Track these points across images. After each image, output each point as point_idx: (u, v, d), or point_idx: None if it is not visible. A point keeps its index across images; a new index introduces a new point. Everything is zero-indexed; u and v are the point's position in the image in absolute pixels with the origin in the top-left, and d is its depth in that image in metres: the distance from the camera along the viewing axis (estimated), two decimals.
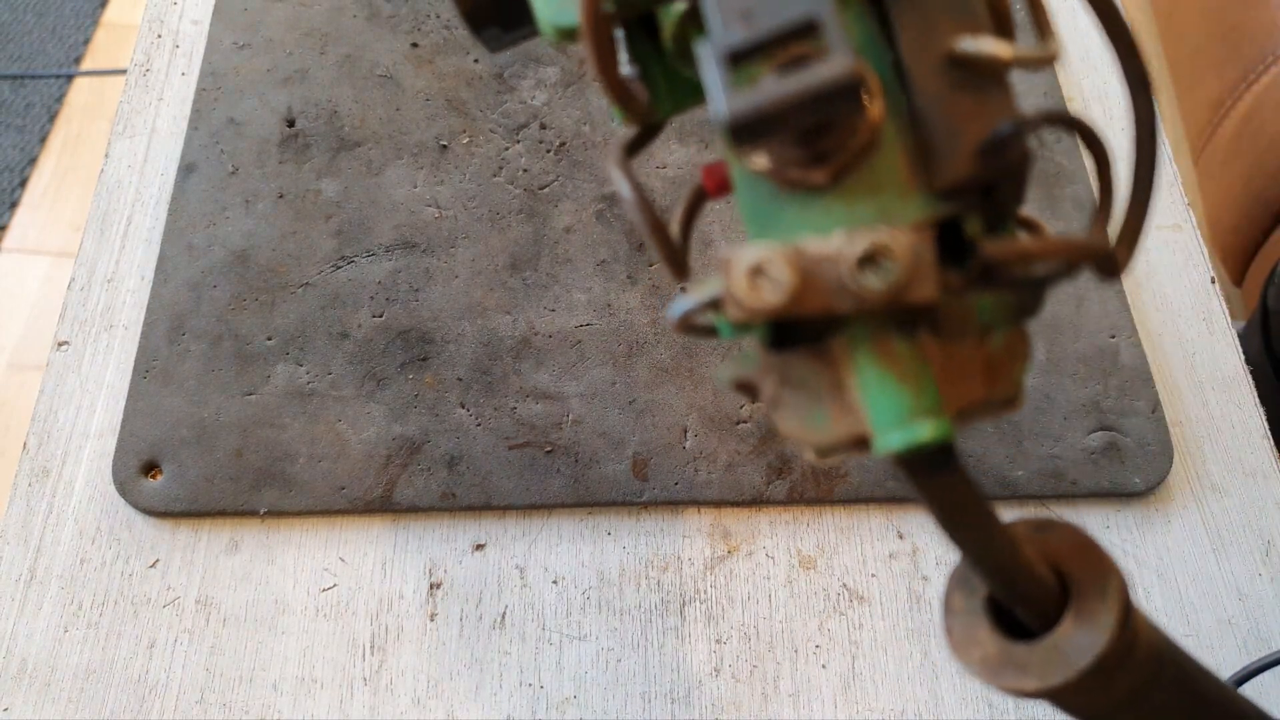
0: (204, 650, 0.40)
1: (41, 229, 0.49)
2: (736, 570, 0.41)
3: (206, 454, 0.43)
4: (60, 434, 0.44)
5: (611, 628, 0.40)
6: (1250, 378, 0.46)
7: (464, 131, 0.51)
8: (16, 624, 0.40)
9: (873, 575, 0.41)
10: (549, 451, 0.43)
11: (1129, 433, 0.43)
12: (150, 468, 0.42)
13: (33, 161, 0.51)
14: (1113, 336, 0.46)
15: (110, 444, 0.44)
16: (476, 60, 0.53)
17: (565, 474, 0.42)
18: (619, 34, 0.18)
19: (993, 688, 0.15)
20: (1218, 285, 0.49)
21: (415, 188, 0.50)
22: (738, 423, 0.43)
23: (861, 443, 0.14)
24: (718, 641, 0.40)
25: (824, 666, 0.39)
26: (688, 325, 0.17)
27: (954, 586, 0.17)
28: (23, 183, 0.51)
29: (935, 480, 0.14)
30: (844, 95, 0.12)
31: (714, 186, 0.17)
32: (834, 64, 0.12)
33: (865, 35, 0.15)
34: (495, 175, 0.50)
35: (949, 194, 0.14)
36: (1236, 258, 0.62)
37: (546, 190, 0.50)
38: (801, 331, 0.15)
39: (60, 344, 0.47)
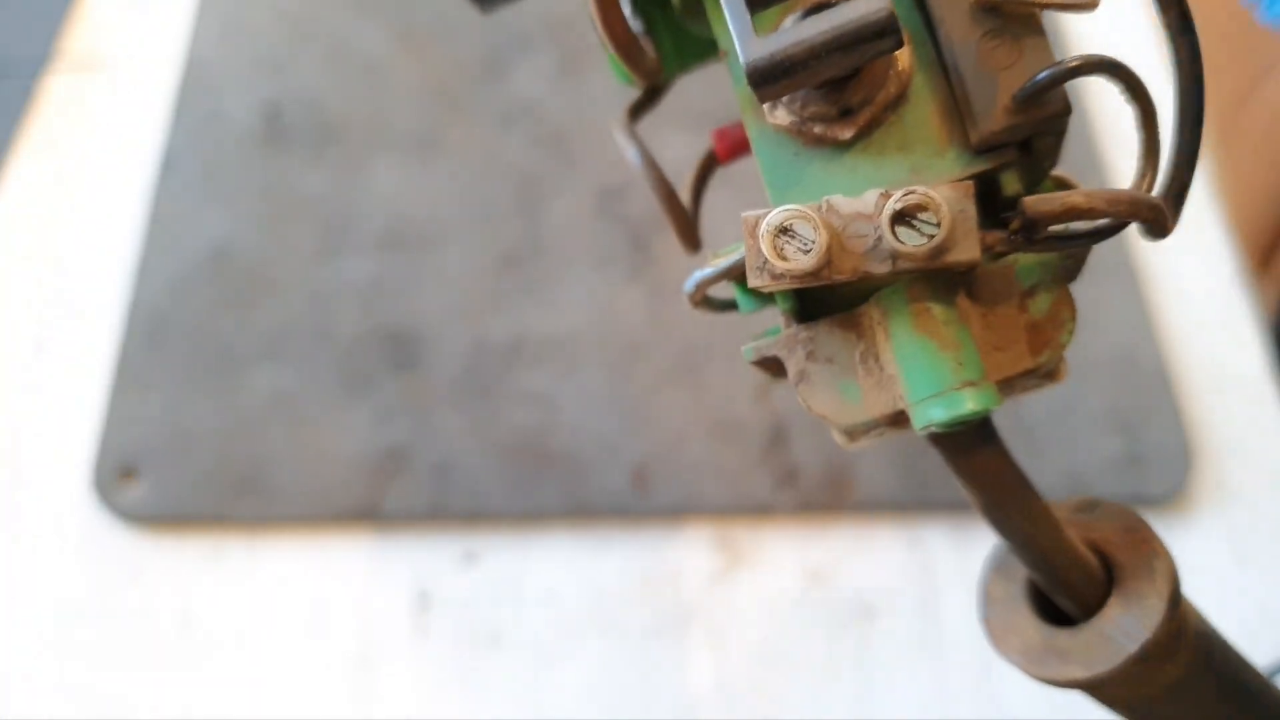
0: (186, 663, 0.38)
1: (18, 227, 0.48)
2: (741, 584, 0.40)
3: (187, 460, 0.41)
4: (37, 439, 0.43)
5: (610, 643, 0.39)
6: (1274, 381, 0.45)
7: (454, 123, 0.50)
8: None
9: (883, 588, 0.40)
10: (543, 458, 0.41)
11: (1148, 439, 0.42)
12: (130, 474, 0.41)
13: (7, 157, 0.49)
14: (1131, 339, 0.44)
15: (89, 449, 0.42)
16: (467, 47, 0.51)
17: (560, 482, 0.41)
18: None
19: (1035, 679, 0.14)
20: (1240, 284, 0.47)
21: (403, 183, 0.48)
22: (742, 428, 0.42)
23: (898, 419, 0.13)
24: (721, 657, 0.39)
25: (833, 684, 0.38)
26: (704, 298, 0.16)
27: (992, 573, 0.16)
28: None
29: (976, 458, 0.13)
30: (878, 37, 0.12)
31: (725, 151, 0.16)
32: (866, 3, 0.11)
33: None
34: (486, 169, 0.49)
35: (985, 149, 0.13)
36: (1257, 255, 0.61)
37: (541, 185, 0.48)
38: (830, 300, 0.14)
39: (37, 346, 0.45)
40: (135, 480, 0.41)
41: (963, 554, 0.40)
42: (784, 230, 0.12)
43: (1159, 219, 0.13)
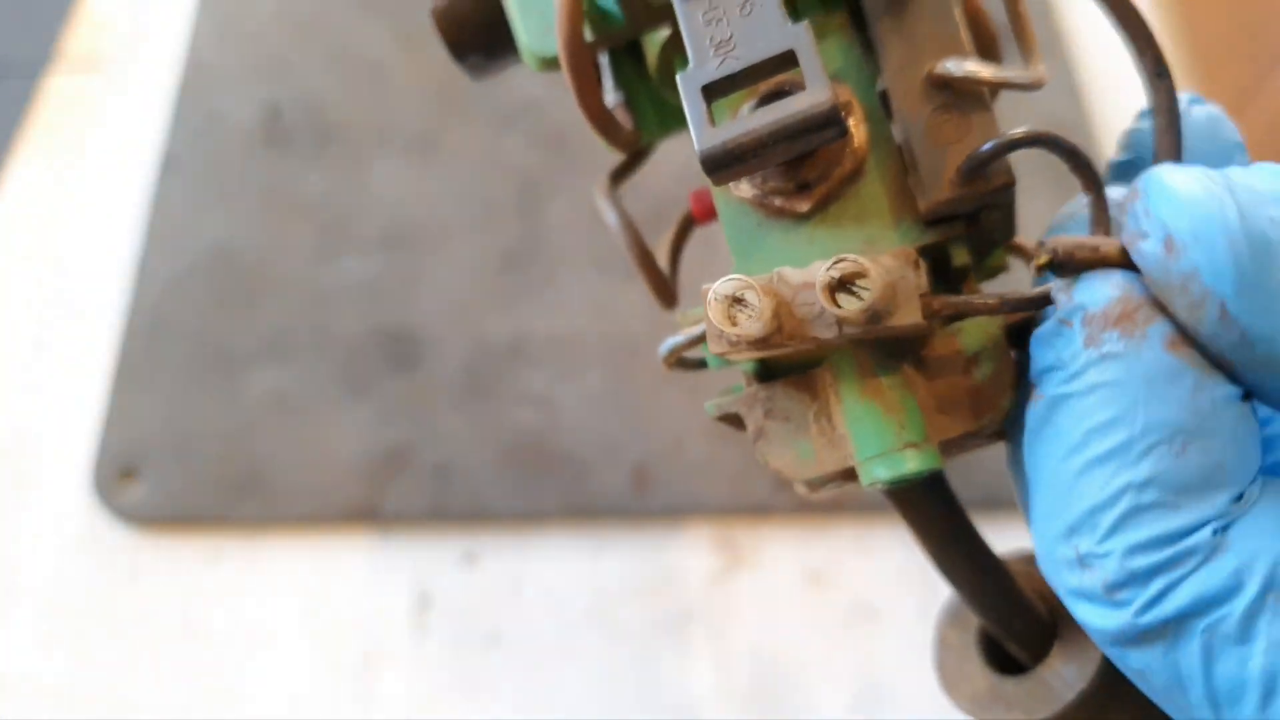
0: (186, 664, 0.38)
1: (18, 227, 0.48)
2: (741, 584, 0.40)
3: (188, 460, 0.41)
4: (38, 439, 0.43)
5: (610, 644, 0.39)
6: None
7: (455, 123, 0.50)
8: None
9: (884, 590, 0.40)
10: (544, 459, 0.41)
11: None
12: (130, 474, 0.41)
13: (8, 158, 0.49)
14: None
15: (90, 449, 0.42)
16: None
17: (561, 482, 0.40)
18: (604, 60, 0.18)
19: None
20: None
21: (403, 183, 0.48)
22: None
23: (850, 474, 0.14)
24: (721, 658, 0.38)
25: (833, 685, 0.38)
26: (677, 360, 0.16)
27: (946, 621, 0.17)
28: None
29: (925, 511, 0.14)
30: (822, 127, 0.12)
31: (702, 212, 0.17)
32: (810, 96, 0.12)
33: (851, 61, 0.15)
34: (487, 169, 0.49)
35: (935, 221, 0.14)
36: None
37: (542, 185, 0.48)
38: (788, 363, 0.15)
39: (38, 346, 0.45)
40: (135, 481, 0.41)
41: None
42: (736, 300, 0.13)
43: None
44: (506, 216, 0.47)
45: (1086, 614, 0.12)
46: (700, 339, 0.15)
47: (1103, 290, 0.12)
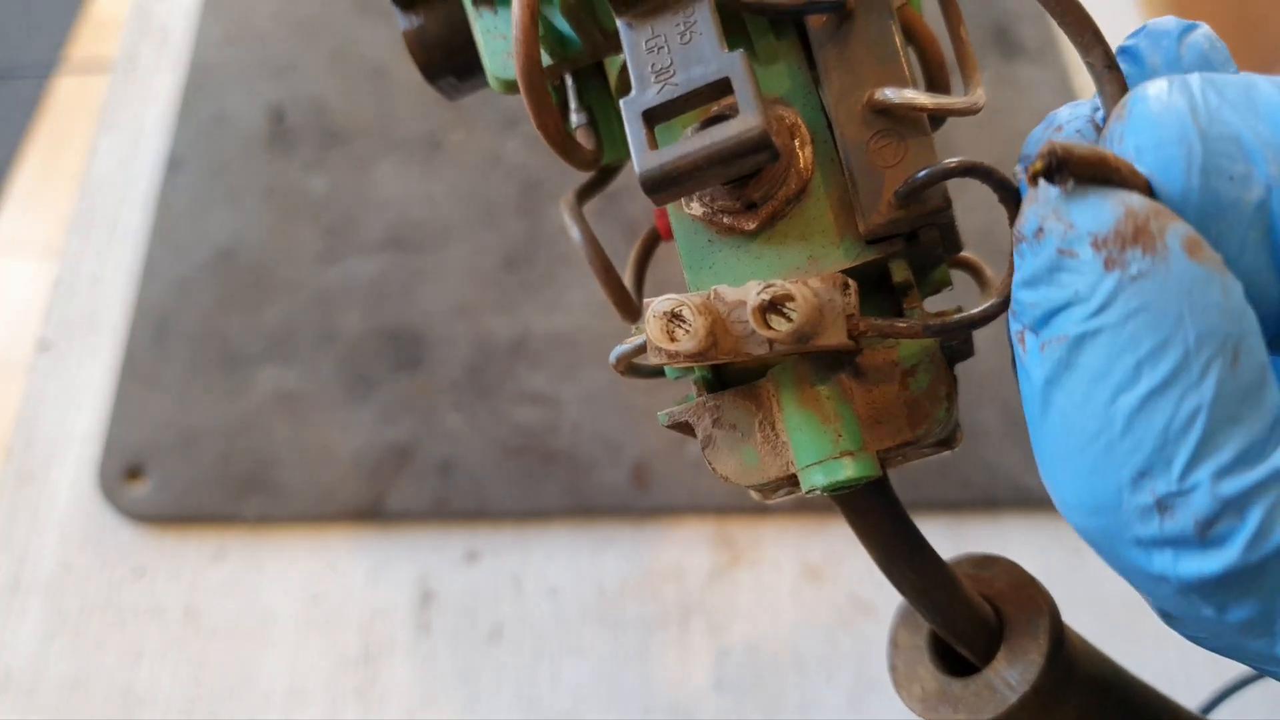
0: (191, 661, 0.39)
1: (25, 227, 0.48)
2: (740, 581, 0.40)
3: (192, 459, 0.42)
4: (44, 437, 0.43)
5: (611, 640, 0.39)
6: None
7: (457, 125, 0.50)
8: (1, 632, 0.39)
9: (882, 586, 0.40)
10: (545, 457, 0.41)
11: None
12: (135, 473, 0.42)
13: (16, 159, 0.50)
14: None
15: (95, 448, 0.43)
16: None
17: (562, 480, 0.41)
18: (569, 82, 0.19)
19: None
20: None
21: (407, 184, 0.48)
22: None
23: (794, 480, 0.15)
24: (721, 655, 0.39)
25: (831, 680, 0.38)
26: (629, 367, 0.17)
27: (899, 623, 0.17)
28: (6, 180, 0.50)
29: (870, 516, 0.15)
30: (753, 151, 0.13)
31: (666, 229, 0.18)
32: (742, 123, 0.13)
33: (799, 84, 0.16)
34: (490, 171, 0.49)
35: (875, 240, 0.15)
36: None
37: (543, 186, 0.48)
38: (736, 374, 0.15)
39: (44, 345, 0.46)
40: (141, 479, 0.41)
41: (956, 553, 0.41)
42: (674, 316, 0.14)
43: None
44: (508, 217, 0.48)
45: (1174, 566, 0.11)
46: (643, 349, 0.15)
47: (1108, 208, 0.11)
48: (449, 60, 0.20)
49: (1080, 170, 0.11)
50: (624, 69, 0.17)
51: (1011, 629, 0.15)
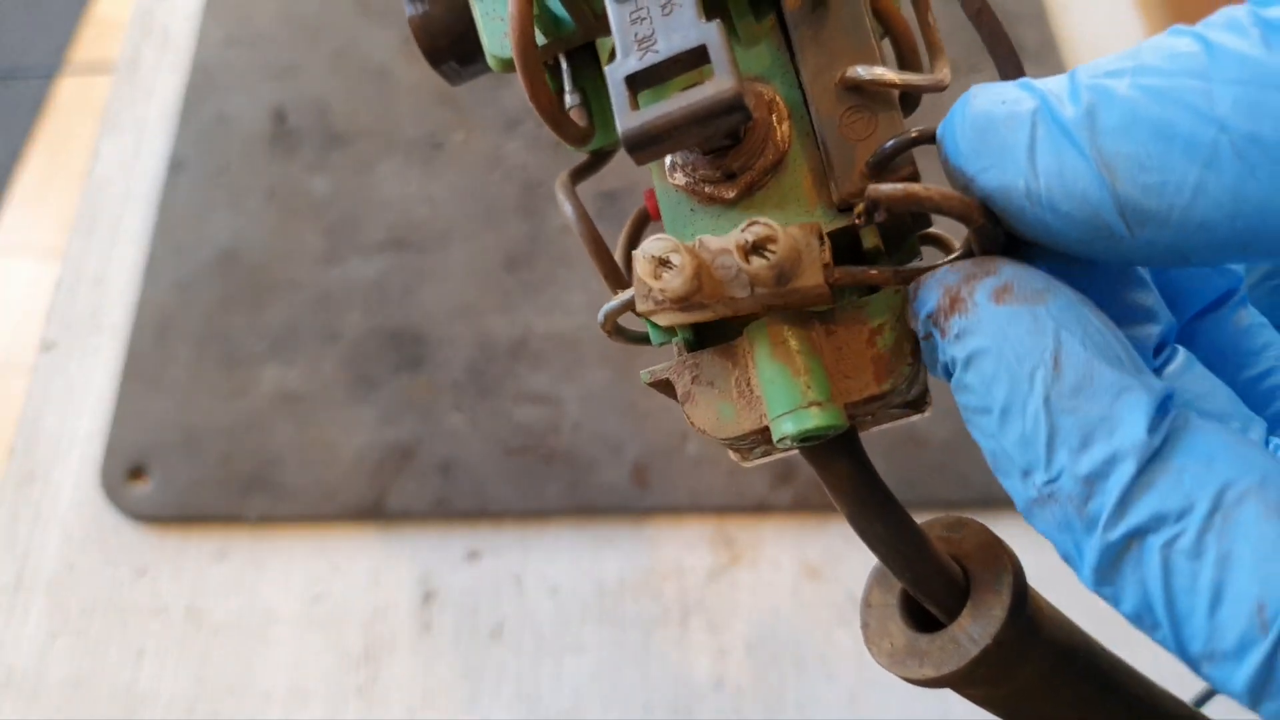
0: (193, 659, 0.39)
1: (28, 228, 0.48)
2: (740, 580, 0.40)
3: (195, 459, 0.42)
4: (47, 438, 0.44)
5: (611, 638, 0.39)
6: None
7: (458, 127, 0.50)
8: (3, 632, 0.40)
9: None
10: (546, 457, 0.42)
11: None
12: (138, 473, 0.42)
13: (19, 160, 0.50)
14: None
15: (98, 448, 0.43)
16: None
17: (563, 480, 0.41)
18: (565, 66, 0.20)
19: (898, 677, 0.16)
20: None
21: (408, 185, 0.49)
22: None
23: (767, 436, 0.15)
24: (720, 653, 0.39)
25: (830, 678, 0.38)
26: (616, 328, 0.18)
27: (872, 583, 0.18)
28: (9, 181, 0.50)
29: (838, 468, 0.15)
30: (727, 112, 0.14)
31: (656, 210, 0.18)
32: (716, 85, 0.14)
33: (778, 64, 0.17)
34: (490, 172, 0.49)
35: (846, 209, 0.16)
36: None
37: (544, 187, 0.49)
38: (716, 335, 0.16)
39: (47, 346, 0.46)
40: (143, 479, 0.42)
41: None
42: (662, 261, 0.14)
43: (985, 224, 0.15)
44: (509, 218, 0.48)
45: (1073, 547, 0.12)
46: (631, 304, 0.16)
47: (931, 292, 0.14)
48: (452, 45, 0.21)
49: (891, 205, 0.14)
50: (612, 50, 0.18)
51: (977, 587, 0.16)
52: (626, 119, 0.14)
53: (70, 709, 0.38)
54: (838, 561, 0.41)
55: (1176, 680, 0.18)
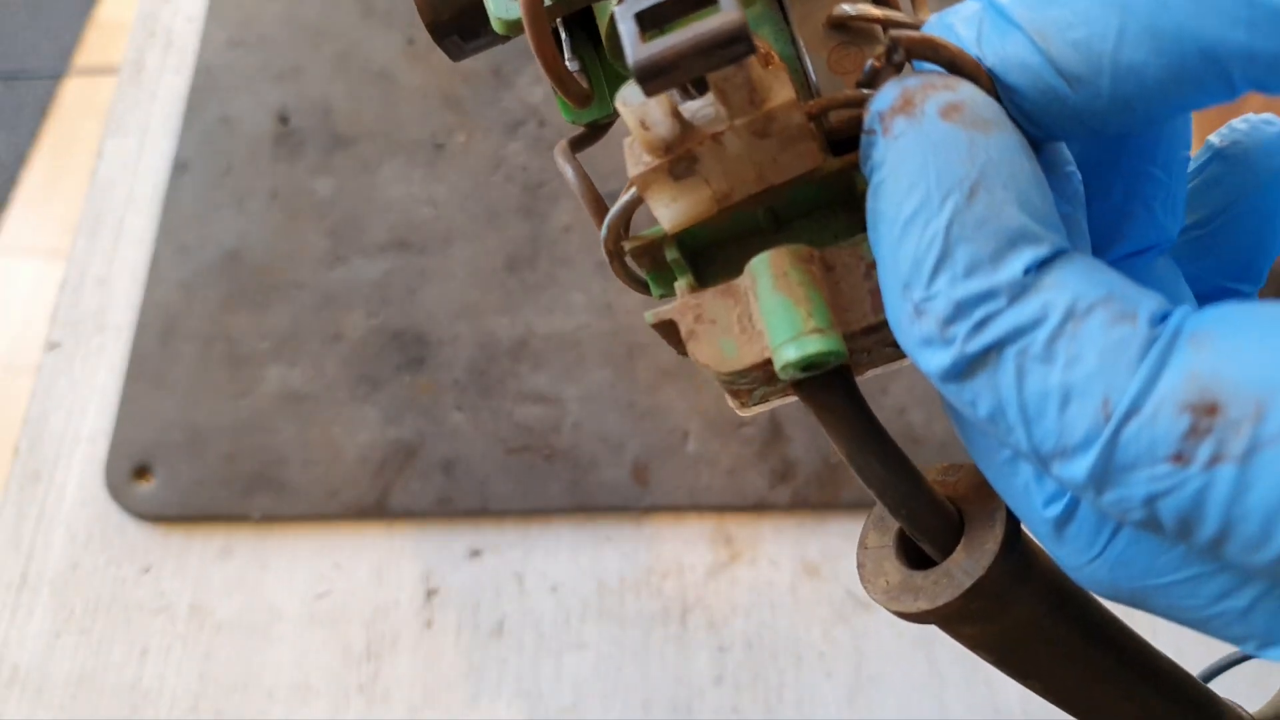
0: (197, 657, 0.39)
1: (33, 229, 0.49)
2: (739, 577, 0.41)
3: (199, 458, 0.42)
4: (52, 437, 0.44)
5: (611, 636, 0.39)
6: None
7: (460, 128, 0.51)
8: (8, 630, 0.40)
9: None
10: (547, 456, 0.42)
11: None
12: (142, 472, 0.42)
13: (24, 161, 0.50)
14: None
15: (102, 447, 0.43)
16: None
17: (564, 478, 0.41)
18: (564, 36, 0.20)
19: (892, 612, 0.17)
20: None
21: (410, 186, 0.49)
22: (740, 425, 0.42)
23: (766, 366, 0.16)
24: (720, 650, 0.39)
25: (829, 675, 0.39)
26: (623, 267, 0.18)
27: (869, 527, 0.18)
28: (14, 182, 0.50)
29: (833, 402, 0.16)
30: (732, 42, 0.14)
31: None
32: (722, 16, 0.14)
33: (770, 20, 0.18)
34: (492, 173, 0.49)
35: (839, 148, 0.16)
36: None
37: (545, 189, 0.49)
38: (716, 274, 0.17)
39: (52, 346, 0.46)
40: (147, 478, 0.42)
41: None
42: (643, 122, 0.15)
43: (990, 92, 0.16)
44: (510, 219, 0.48)
45: (929, 359, 0.13)
46: (636, 202, 0.17)
47: (889, 91, 0.14)
48: (455, 19, 0.21)
49: (910, 48, 0.14)
50: (612, 20, 0.18)
51: (971, 524, 0.17)
52: (637, 50, 0.15)
53: (74, 707, 0.38)
54: (836, 559, 0.41)
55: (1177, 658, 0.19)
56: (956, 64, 0.14)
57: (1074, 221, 0.15)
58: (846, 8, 0.16)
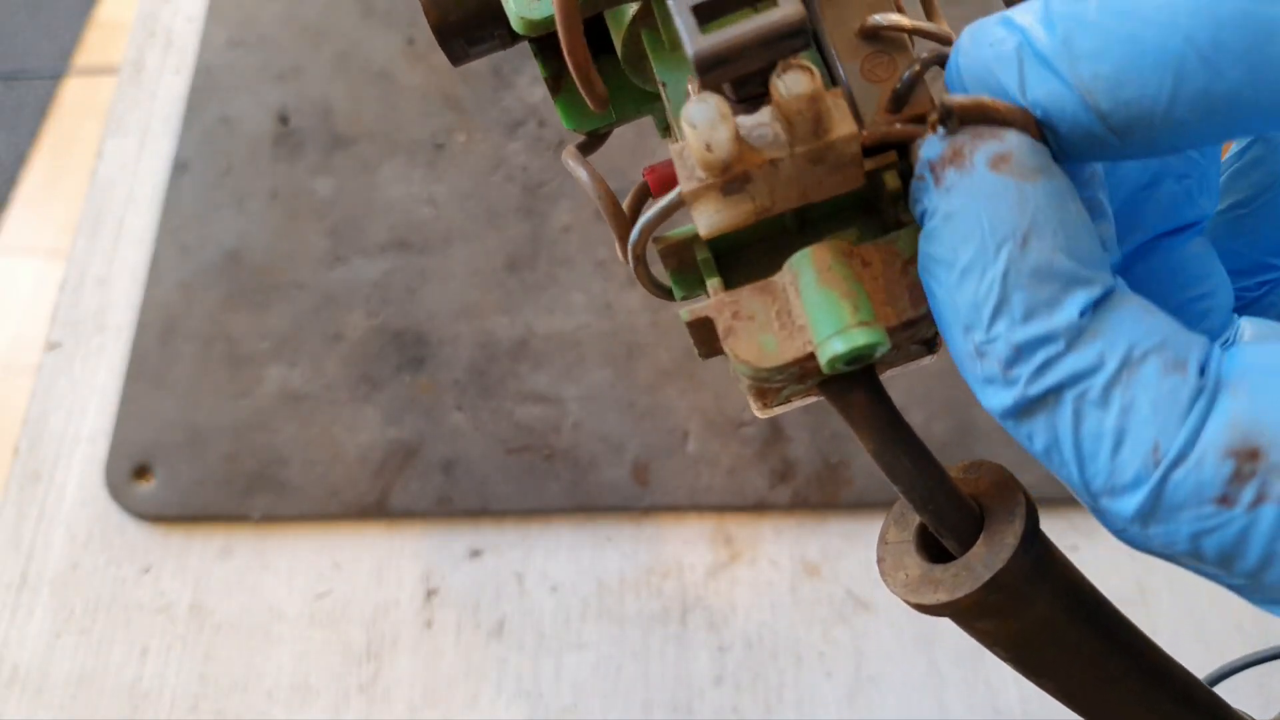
0: (197, 657, 0.39)
1: (33, 229, 0.49)
2: (739, 577, 0.41)
3: (199, 458, 0.42)
4: (51, 437, 0.44)
5: (611, 636, 0.39)
6: None
7: (460, 129, 0.51)
8: (8, 630, 0.40)
9: (878, 582, 0.40)
10: (547, 455, 0.42)
11: None
12: (142, 472, 0.42)
13: (24, 161, 0.50)
14: None
15: (102, 447, 0.43)
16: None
17: (564, 478, 0.41)
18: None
19: (911, 606, 0.17)
20: None
21: (410, 186, 0.49)
22: (740, 425, 0.43)
23: (808, 361, 0.16)
24: (720, 650, 0.39)
25: (829, 675, 0.39)
26: (647, 275, 0.18)
27: (889, 522, 0.19)
28: (14, 182, 0.51)
29: (861, 400, 0.16)
30: (791, 35, 0.15)
31: (656, 185, 0.19)
32: (784, 9, 0.15)
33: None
34: (492, 173, 0.49)
35: (872, 152, 0.17)
36: None
37: (545, 189, 0.49)
38: (749, 271, 0.17)
39: (51, 346, 0.46)
40: (147, 478, 0.42)
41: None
42: (707, 140, 0.15)
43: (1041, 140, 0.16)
44: (511, 219, 0.48)
45: (991, 397, 0.14)
46: (668, 210, 0.17)
47: (940, 141, 0.15)
48: (461, 22, 0.21)
49: (963, 113, 0.15)
50: (633, 21, 0.19)
51: (991, 519, 0.17)
52: (697, 42, 0.15)
53: (74, 707, 0.38)
54: (836, 559, 0.41)
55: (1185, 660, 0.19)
56: (1007, 121, 0.15)
57: (1096, 204, 0.16)
58: (879, 18, 0.17)
